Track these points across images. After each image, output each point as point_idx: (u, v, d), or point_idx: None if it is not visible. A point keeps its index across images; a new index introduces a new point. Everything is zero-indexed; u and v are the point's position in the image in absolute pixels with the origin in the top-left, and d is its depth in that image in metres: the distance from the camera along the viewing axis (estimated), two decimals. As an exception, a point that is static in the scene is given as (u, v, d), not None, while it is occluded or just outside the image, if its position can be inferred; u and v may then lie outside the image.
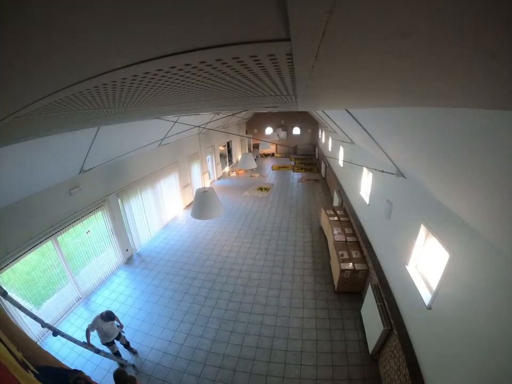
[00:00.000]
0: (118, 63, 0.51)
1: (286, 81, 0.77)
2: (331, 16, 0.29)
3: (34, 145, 2.97)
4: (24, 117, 0.93)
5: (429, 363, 2.53)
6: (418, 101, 1.00)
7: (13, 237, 3.73)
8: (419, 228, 2.81)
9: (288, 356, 3.88)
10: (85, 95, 0.75)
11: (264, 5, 0.29)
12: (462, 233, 2.05)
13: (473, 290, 1.90)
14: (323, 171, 12.94)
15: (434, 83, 0.63)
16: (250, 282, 5.55)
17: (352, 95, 1.09)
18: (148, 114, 2.03)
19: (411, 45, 0.38)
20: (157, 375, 3.69)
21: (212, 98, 1.13)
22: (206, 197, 2.82)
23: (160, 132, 6.01)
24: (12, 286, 4.15)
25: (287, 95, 1.08)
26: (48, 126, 1.55)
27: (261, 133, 18.61)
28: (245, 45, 0.43)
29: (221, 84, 0.75)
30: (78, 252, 5.13)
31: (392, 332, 3.31)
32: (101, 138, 4.04)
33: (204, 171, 11.15)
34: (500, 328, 1.60)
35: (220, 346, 4.10)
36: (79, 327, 4.53)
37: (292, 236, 7.39)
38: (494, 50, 0.35)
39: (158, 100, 1.05)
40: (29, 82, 0.57)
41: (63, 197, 4.55)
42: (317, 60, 0.50)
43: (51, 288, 4.69)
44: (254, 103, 1.52)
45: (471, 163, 1.29)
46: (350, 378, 3.53)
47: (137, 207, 6.79)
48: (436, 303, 2.44)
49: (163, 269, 6.13)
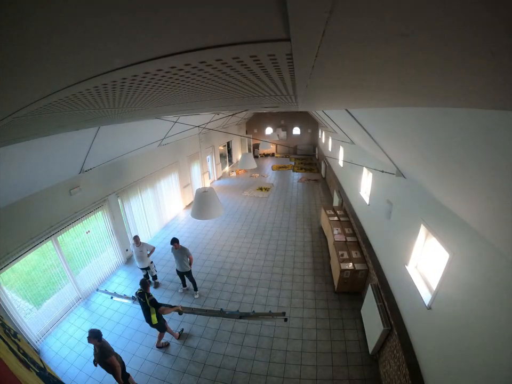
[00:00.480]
0: (118, 63, 0.51)
1: (286, 81, 0.77)
2: (331, 16, 0.29)
3: (34, 145, 2.97)
4: (24, 117, 0.93)
5: (428, 363, 2.53)
6: (418, 101, 1.00)
7: (13, 237, 3.73)
8: (419, 228, 2.81)
9: (288, 356, 3.88)
10: (85, 95, 0.75)
11: (264, 5, 0.29)
12: (462, 233, 2.05)
13: (473, 290, 1.90)
14: (323, 171, 12.94)
15: (434, 83, 0.63)
16: (250, 282, 5.55)
17: (352, 95, 1.09)
18: (148, 114, 2.03)
19: (411, 45, 0.38)
20: (157, 375, 3.69)
21: (212, 98, 1.13)
22: (206, 197, 2.82)
23: (160, 131, 6.01)
24: (12, 286, 4.16)
25: (287, 95, 1.08)
26: (48, 126, 1.55)
27: (261, 133, 18.60)
28: (245, 45, 0.43)
29: (221, 84, 0.75)
30: (78, 252, 5.13)
31: (392, 332, 3.31)
32: (101, 138, 4.04)
33: (204, 171, 11.15)
34: (500, 328, 1.60)
35: (219, 346, 4.10)
36: (79, 327, 4.53)
37: (292, 235, 7.39)
38: (494, 50, 0.35)
39: (158, 100, 1.05)
40: (28, 83, 0.57)
41: (63, 197, 4.55)
42: (317, 60, 0.50)
43: (51, 288, 4.69)
44: (254, 103, 1.52)
45: (471, 163, 1.29)
46: (350, 378, 3.53)
47: (137, 207, 6.79)
48: (435, 303, 2.44)
49: (163, 269, 6.12)
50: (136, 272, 6.02)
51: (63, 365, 3.87)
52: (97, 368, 3.81)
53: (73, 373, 3.74)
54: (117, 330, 4.47)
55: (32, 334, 4.05)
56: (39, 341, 4.18)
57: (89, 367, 3.84)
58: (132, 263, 6.41)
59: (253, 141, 18.53)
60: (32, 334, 4.07)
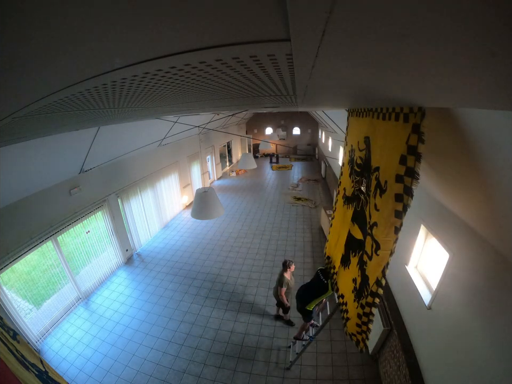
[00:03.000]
0: (117, 63, 0.51)
1: (286, 81, 0.77)
2: (331, 16, 0.29)
3: (34, 145, 2.97)
4: (24, 117, 0.93)
5: (429, 363, 2.53)
6: (418, 101, 1.00)
7: (13, 237, 3.73)
8: (419, 228, 2.81)
9: (288, 356, 3.88)
10: (85, 96, 0.75)
11: (264, 5, 0.29)
12: (462, 233, 2.05)
13: (473, 290, 1.90)
14: (323, 171, 12.93)
15: (434, 83, 0.63)
16: (250, 282, 5.54)
17: (353, 94, 1.09)
18: (148, 114, 2.03)
19: (411, 45, 0.38)
20: (156, 375, 3.69)
21: (212, 98, 1.13)
22: (206, 197, 2.82)
23: (160, 131, 6.01)
24: (12, 286, 4.16)
25: (287, 95, 1.08)
26: (48, 126, 1.55)
27: (261, 133, 18.60)
28: (245, 45, 0.43)
29: (221, 84, 0.75)
30: (78, 252, 5.13)
31: (392, 332, 3.31)
32: (101, 138, 4.04)
33: (204, 171, 11.15)
34: (500, 328, 1.60)
35: (219, 346, 4.10)
36: (79, 327, 4.53)
37: (292, 235, 7.39)
38: (495, 50, 0.35)
39: (158, 100, 1.05)
40: (28, 83, 0.57)
41: (63, 197, 4.55)
42: (317, 60, 0.50)
43: (51, 288, 4.69)
44: (254, 103, 1.52)
45: (471, 163, 1.29)
46: (350, 378, 3.53)
47: (137, 207, 6.79)
48: (435, 303, 2.44)
49: (163, 269, 6.12)
50: (136, 272, 6.03)
51: (63, 365, 3.87)
52: (97, 368, 3.82)
53: (73, 373, 3.74)
54: (117, 330, 4.46)
55: (32, 334, 4.05)
56: (39, 341, 4.18)
57: (89, 367, 3.84)
58: (131, 263, 6.42)
59: (252, 141, 18.53)
60: (32, 334, 4.07)
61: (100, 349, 4.10)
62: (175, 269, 6.10)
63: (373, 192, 1.62)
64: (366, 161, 1.81)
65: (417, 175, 1.15)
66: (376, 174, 1.59)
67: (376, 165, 1.59)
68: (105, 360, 3.91)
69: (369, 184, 1.71)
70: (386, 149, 1.44)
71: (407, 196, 1.24)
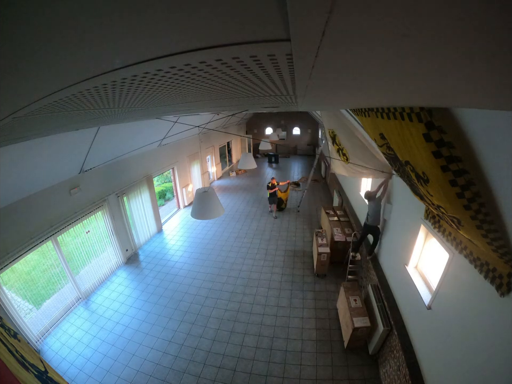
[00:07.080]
0: (117, 63, 0.51)
1: (286, 81, 0.77)
2: (331, 16, 0.29)
3: (34, 145, 2.97)
4: (24, 117, 0.93)
5: (429, 363, 2.53)
6: (418, 101, 1.00)
7: (13, 237, 3.72)
8: (419, 228, 2.81)
9: (288, 356, 3.88)
10: (85, 95, 0.75)
11: (264, 5, 0.29)
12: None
13: (473, 290, 1.90)
14: (323, 171, 12.93)
15: (435, 83, 0.63)
16: (250, 282, 5.55)
17: (353, 95, 1.09)
18: (148, 114, 2.03)
19: (411, 45, 0.38)
20: (156, 375, 3.69)
21: (212, 98, 1.13)
22: (206, 197, 2.82)
23: (160, 131, 6.01)
24: (12, 286, 4.16)
25: (287, 95, 1.08)
26: (48, 126, 1.55)
27: (261, 133, 18.58)
28: (245, 45, 0.43)
29: (221, 84, 0.75)
30: (78, 252, 5.13)
31: (392, 332, 3.31)
32: (101, 138, 4.04)
33: (204, 171, 11.15)
34: (500, 328, 1.60)
35: (219, 346, 4.10)
36: (79, 327, 4.53)
37: (292, 235, 7.39)
38: (495, 51, 0.35)
39: (158, 100, 1.05)
40: (28, 83, 0.57)
41: (63, 197, 4.55)
42: (317, 60, 0.50)
43: (51, 288, 4.70)
44: (254, 103, 1.52)
45: (470, 162, 1.28)
46: (350, 378, 3.53)
47: (137, 207, 6.79)
48: (435, 303, 2.44)
49: (163, 269, 6.12)
50: (135, 272, 6.03)
51: (63, 365, 3.87)
52: (97, 368, 3.82)
53: (73, 373, 3.74)
54: (117, 330, 4.47)
55: (32, 334, 4.05)
56: (39, 341, 4.18)
57: (89, 367, 3.84)
58: (131, 263, 6.42)
59: (252, 142, 18.51)
60: (32, 334, 4.06)
61: (100, 349, 4.10)
62: (175, 268, 6.10)
63: (416, 181, 1.67)
64: (393, 154, 1.85)
65: (459, 158, 1.18)
66: (409, 166, 1.63)
67: (406, 159, 1.62)
68: (105, 360, 3.91)
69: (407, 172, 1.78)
70: (407, 147, 1.45)
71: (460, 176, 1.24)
